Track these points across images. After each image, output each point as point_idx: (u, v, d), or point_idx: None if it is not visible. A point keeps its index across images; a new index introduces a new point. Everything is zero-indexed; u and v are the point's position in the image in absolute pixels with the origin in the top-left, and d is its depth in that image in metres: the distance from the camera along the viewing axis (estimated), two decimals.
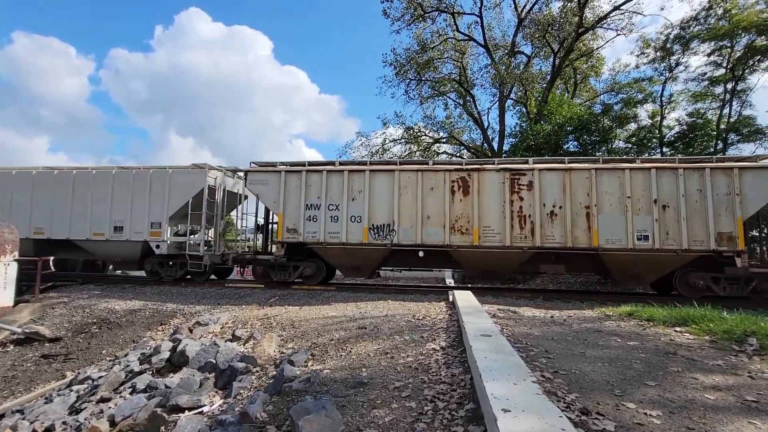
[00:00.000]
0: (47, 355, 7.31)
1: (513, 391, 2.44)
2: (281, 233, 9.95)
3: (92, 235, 10.92)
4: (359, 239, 9.61)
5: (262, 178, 10.19)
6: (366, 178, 9.71)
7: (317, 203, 9.84)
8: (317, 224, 9.79)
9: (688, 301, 7.09)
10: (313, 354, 4.97)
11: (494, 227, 9.22)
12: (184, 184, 10.75)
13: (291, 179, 10.03)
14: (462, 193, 9.40)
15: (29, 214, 11.24)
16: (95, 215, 10.96)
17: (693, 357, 3.77)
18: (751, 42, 16.86)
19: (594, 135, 18.15)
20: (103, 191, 10.99)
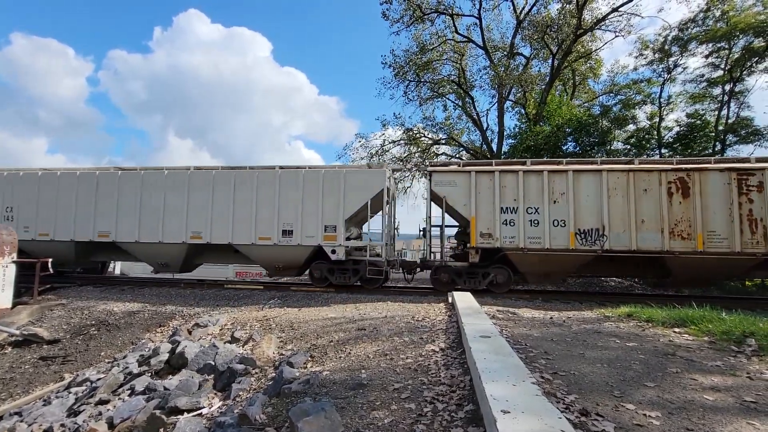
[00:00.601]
0: (45, 357, 7.29)
1: (512, 393, 2.44)
2: (475, 238, 9.30)
3: (258, 239, 10.16)
4: (564, 244, 8.97)
5: (450, 179, 9.59)
6: (569, 180, 9.05)
7: (514, 206, 9.24)
8: (515, 228, 9.19)
9: (687, 301, 7.10)
10: (312, 355, 4.97)
11: (720, 232, 8.59)
12: (362, 184, 10.00)
13: (482, 180, 9.45)
14: (681, 194, 8.75)
15: (185, 217, 10.47)
16: (261, 218, 10.17)
17: (692, 358, 3.77)
18: (748, 44, 16.95)
19: (593, 136, 18.20)
20: (269, 193, 10.22)
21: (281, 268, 10.57)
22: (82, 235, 11.00)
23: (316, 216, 9.98)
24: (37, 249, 11.21)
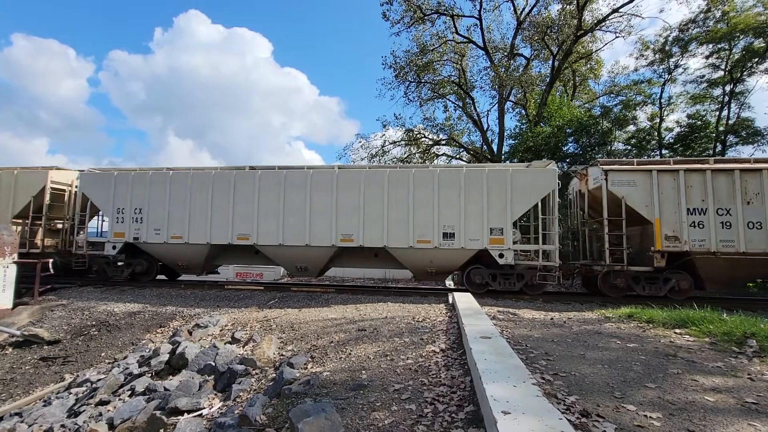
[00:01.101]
0: (46, 358, 7.29)
1: (513, 393, 2.44)
2: (660, 241, 8.76)
3: (416, 242, 9.59)
4: (762, 248, 8.46)
5: (629, 179, 9.08)
6: (763, 179, 8.54)
7: (702, 207, 8.75)
8: (704, 231, 8.68)
9: (688, 302, 7.09)
10: (312, 356, 4.97)
11: None
12: (530, 184, 9.44)
13: (665, 179, 8.91)
14: None
15: (333, 219, 9.86)
16: (419, 220, 9.59)
17: (693, 359, 3.77)
18: (749, 44, 16.97)
19: (593, 137, 18.22)
20: (426, 193, 9.64)
21: (434, 273, 10.05)
22: (219, 237, 10.33)
23: (480, 218, 9.42)
24: (169, 252, 10.74)
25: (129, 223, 10.73)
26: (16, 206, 11.45)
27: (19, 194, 11.51)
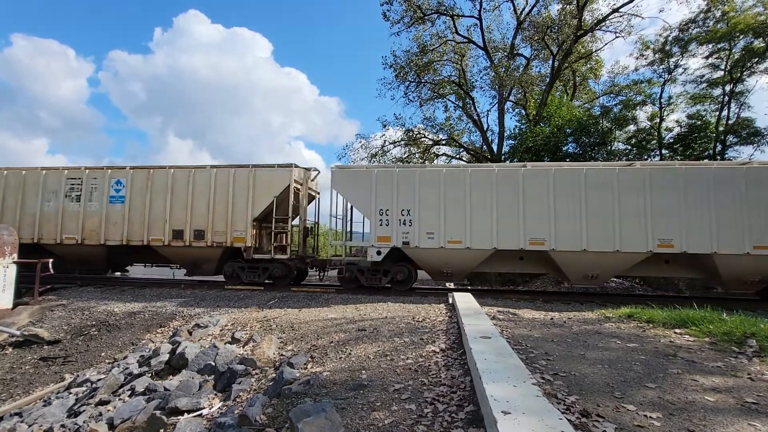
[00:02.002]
0: (46, 358, 7.29)
1: (513, 393, 2.44)
2: None
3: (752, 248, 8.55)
4: None
5: None
6: None
7: None
8: None
9: (688, 302, 7.09)
10: (312, 356, 4.96)
11: None
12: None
13: None
14: None
15: (646, 222, 8.77)
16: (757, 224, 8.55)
17: (693, 359, 3.77)
18: (748, 44, 16.96)
19: (593, 137, 18.20)
20: None
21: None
22: (508, 242, 9.18)
23: None
24: (440, 258, 9.61)
25: (395, 226, 9.60)
26: (256, 207, 10.50)
27: (259, 194, 10.50)
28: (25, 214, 11.27)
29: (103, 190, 11.05)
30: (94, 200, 11.11)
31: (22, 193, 11.32)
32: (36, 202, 11.24)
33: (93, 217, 11.05)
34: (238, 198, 10.58)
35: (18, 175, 11.47)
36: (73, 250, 11.33)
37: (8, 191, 11.38)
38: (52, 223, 11.16)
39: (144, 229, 10.78)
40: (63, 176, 11.24)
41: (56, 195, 11.22)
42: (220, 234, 10.55)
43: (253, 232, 10.60)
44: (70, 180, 11.22)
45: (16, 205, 11.32)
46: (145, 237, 10.77)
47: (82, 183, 11.15)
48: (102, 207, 11.01)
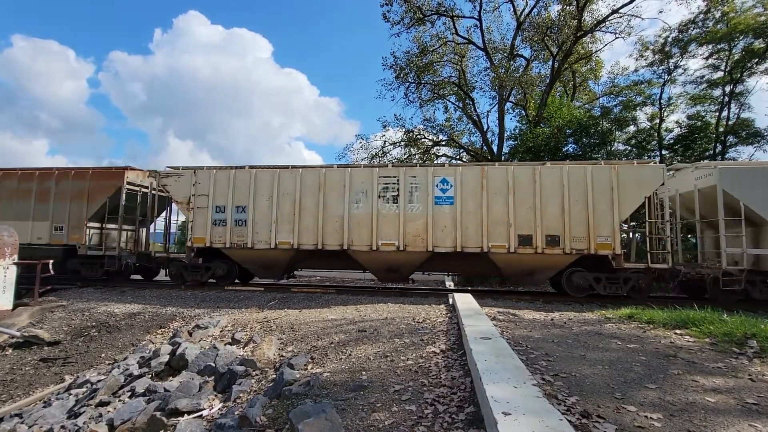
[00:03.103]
0: (46, 359, 7.29)
1: (513, 394, 2.44)
2: None
3: None
4: None
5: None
6: None
7: None
8: None
9: (688, 303, 7.09)
10: (312, 357, 4.96)
11: None
12: None
13: None
14: None
15: None
16: None
17: (693, 359, 3.76)
18: (748, 45, 16.97)
19: (593, 137, 18.21)
20: None
21: None
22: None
23: None
24: None
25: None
26: (622, 211, 9.04)
27: (627, 194, 9.03)
28: (330, 217, 9.86)
29: (426, 190, 9.59)
30: (416, 201, 9.65)
31: (323, 193, 9.88)
32: (342, 204, 9.83)
33: (416, 221, 9.58)
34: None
35: (315, 173, 10.09)
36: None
37: (306, 190, 10.00)
38: (364, 228, 9.72)
39: (481, 235, 9.25)
40: (374, 175, 9.85)
41: (366, 195, 9.81)
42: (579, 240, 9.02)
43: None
44: (383, 179, 9.85)
45: (318, 206, 9.89)
46: (484, 243, 9.23)
47: (398, 182, 9.74)
48: (426, 209, 9.53)
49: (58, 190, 11.64)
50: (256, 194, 10.13)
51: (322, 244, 9.74)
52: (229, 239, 10.12)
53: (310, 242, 9.83)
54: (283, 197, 10.01)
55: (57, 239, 11.48)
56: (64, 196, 11.54)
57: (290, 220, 9.93)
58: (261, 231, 10.04)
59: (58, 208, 11.57)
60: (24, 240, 10.95)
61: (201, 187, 10.41)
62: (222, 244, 10.20)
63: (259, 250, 10.04)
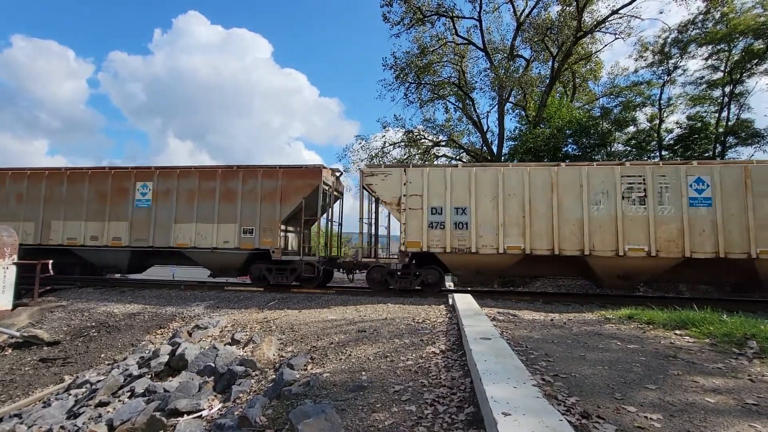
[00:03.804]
0: (45, 359, 7.29)
1: (513, 395, 2.44)
2: None
3: None
4: None
5: None
6: None
7: None
8: None
9: (688, 303, 7.08)
10: (312, 357, 4.96)
11: None
12: None
13: None
14: None
15: None
16: None
17: (693, 360, 3.76)
18: (748, 45, 16.98)
19: (593, 138, 18.22)
20: None
21: None
22: None
23: None
24: None
25: None
26: None
27: None
28: (566, 221, 9.12)
29: (678, 191, 8.84)
30: (667, 203, 8.86)
31: (555, 194, 9.16)
32: (579, 206, 9.08)
33: (667, 224, 8.81)
34: None
35: (545, 172, 9.35)
36: None
37: (535, 191, 9.30)
38: (606, 232, 8.94)
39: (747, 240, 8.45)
40: (616, 174, 9.08)
41: (608, 196, 9.08)
42: None
43: None
44: (626, 178, 9.11)
45: (551, 208, 9.15)
46: (751, 249, 8.41)
47: (645, 182, 8.98)
48: (680, 211, 8.78)
49: (245, 189, 10.61)
50: (478, 194, 9.43)
51: (558, 249, 9.00)
52: (450, 243, 9.36)
53: (544, 247, 9.06)
54: (510, 198, 9.30)
55: (246, 243, 10.41)
56: (253, 197, 10.53)
57: (519, 223, 9.20)
58: (486, 234, 9.32)
59: (247, 209, 10.52)
60: (207, 244, 10.55)
61: (413, 186, 9.60)
62: (440, 248, 9.39)
63: (482, 255, 9.30)
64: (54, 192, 11.46)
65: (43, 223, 11.34)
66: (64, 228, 11.27)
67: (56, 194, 11.44)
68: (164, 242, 10.81)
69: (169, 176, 11.03)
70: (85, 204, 11.24)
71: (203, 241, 10.61)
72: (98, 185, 11.30)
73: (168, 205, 10.91)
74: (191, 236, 10.68)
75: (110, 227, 11.07)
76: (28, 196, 11.52)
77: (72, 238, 11.20)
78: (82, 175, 11.43)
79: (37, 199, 11.45)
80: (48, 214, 11.38)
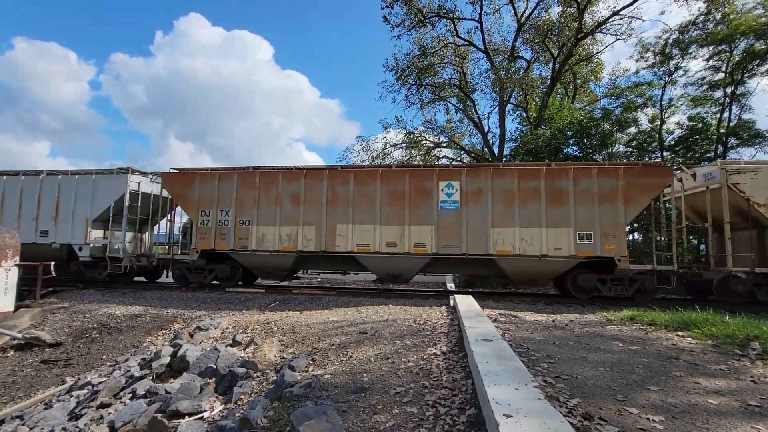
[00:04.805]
0: (47, 361, 7.29)
1: (515, 396, 2.43)
2: None
3: None
4: None
5: None
6: None
7: None
8: None
9: (690, 305, 7.07)
10: (313, 359, 4.96)
11: None
12: None
13: None
14: None
15: None
16: None
17: (695, 361, 3.75)
18: (749, 46, 16.96)
19: (594, 139, 18.20)
20: None
21: None
22: None
23: None
24: None
25: None
26: None
27: None
28: None
29: None
30: None
31: None
32: None
33: None
34: None
35: None
36: None
37: None
38: None
39: None
40: None
41: None
42: None
43: None
44: None
45: None
46: None
47: None
48: None
49: (577, 190, 9.26)
50: None
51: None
52: None
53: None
54: None
55: (585, 250, 9.09)
56: (589, 198, 9.22)
57: None
58: None
59: (583, 212, 9.19)
60: (535, 251, 9.19)
61: None
62: None
63: None
64: (338, 192, 10.16)
65: (327, 228, 10.06)
66: (352, 232, 9.92)
67: (341, 195, 10.13)
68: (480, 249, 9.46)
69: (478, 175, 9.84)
70: (377, 206, 9.92)
71: (529, 248, 9.26)
72: (392, 185, 9.97)
73: (481, 207, 9.57)
74: (513, 242, 9.32)
75: (411, 232, 9.71)
76: (307, 197, 10.23)
77: (363, 245, 9.89)
78: (371, 174, 10.18)
79: (317, 200, 10.16)
80: (332, 217, 10.08)
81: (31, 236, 11.29)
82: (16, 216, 11.52)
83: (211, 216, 10.51)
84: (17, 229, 10.25)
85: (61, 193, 11.48)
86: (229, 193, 10.53)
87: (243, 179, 10.55)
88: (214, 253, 10.59)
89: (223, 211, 10.50)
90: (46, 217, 11.45)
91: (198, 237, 10.54)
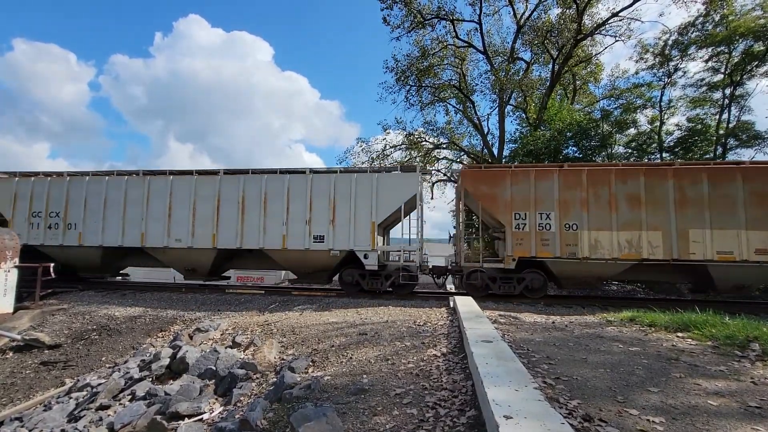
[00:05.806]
0: (46, 362, 7.28)
1: (515, 398, 2.43)
2: None
3: None
4: None
5: None
6: None
7: None
8: None
9: (690, 306, 7.07)
10: (313, 360, 4.95)
11: None
12: None
13: None
14: None
15: None
16: None
17: (695, 363, 3.75)
18: (748, 47, 16.99)
19: (593, 140, 18.22)
20: None
21: None
22: None
23: None
24: None
25: None
26: None
27: None
28: None
29: None
30: None
31: None
32: None
33: None
34: None
35: None
36: None
37: None
38: None
39: None
40: None
41: None
42: None
43: None
44: None
45: None
46: None
47: None
48: None
49: None
50: None
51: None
52: None
53: None
54: None
55: None
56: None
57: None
58: None
59: None
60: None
61: None
62: None
63: None
64: (687, 193, 9.03)
65: (678, 233, 8.89)
66: (712, 238, 8.75)
67: (691, 196, 8.99)
68: None
69: None
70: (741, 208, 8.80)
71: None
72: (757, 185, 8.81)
73: None
74: None
75: None
76: (649, 199, 9.11)
77: (724, 252, 8.67)
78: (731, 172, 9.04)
79: (663, 202, 9.03)
80: (683, 221, 8.93)
81: (305, 242, 10.09)
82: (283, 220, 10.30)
83: (528, 220, 9.50)
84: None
85: (337, 193, 10.17)
86: (549, 193, 9.50)
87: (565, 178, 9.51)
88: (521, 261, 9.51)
89: (543, 215, 9.50)
90: (322, 220, 10.16)
91: (514, 243, 9.48)
